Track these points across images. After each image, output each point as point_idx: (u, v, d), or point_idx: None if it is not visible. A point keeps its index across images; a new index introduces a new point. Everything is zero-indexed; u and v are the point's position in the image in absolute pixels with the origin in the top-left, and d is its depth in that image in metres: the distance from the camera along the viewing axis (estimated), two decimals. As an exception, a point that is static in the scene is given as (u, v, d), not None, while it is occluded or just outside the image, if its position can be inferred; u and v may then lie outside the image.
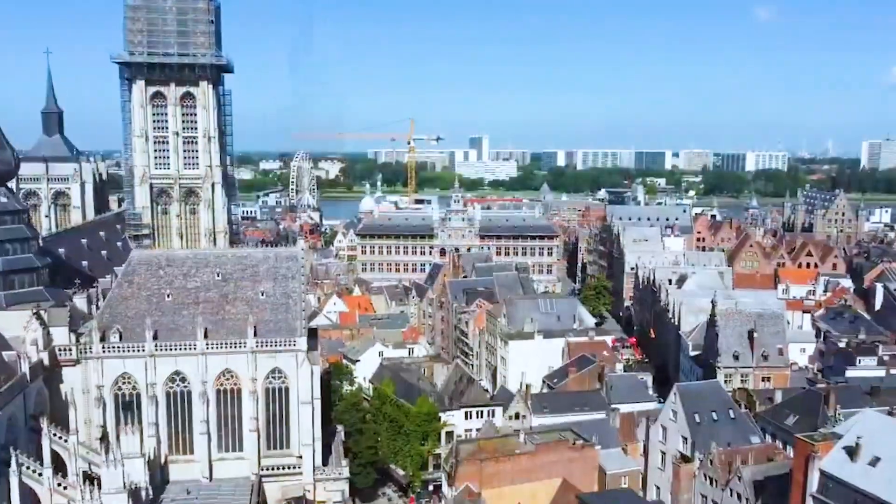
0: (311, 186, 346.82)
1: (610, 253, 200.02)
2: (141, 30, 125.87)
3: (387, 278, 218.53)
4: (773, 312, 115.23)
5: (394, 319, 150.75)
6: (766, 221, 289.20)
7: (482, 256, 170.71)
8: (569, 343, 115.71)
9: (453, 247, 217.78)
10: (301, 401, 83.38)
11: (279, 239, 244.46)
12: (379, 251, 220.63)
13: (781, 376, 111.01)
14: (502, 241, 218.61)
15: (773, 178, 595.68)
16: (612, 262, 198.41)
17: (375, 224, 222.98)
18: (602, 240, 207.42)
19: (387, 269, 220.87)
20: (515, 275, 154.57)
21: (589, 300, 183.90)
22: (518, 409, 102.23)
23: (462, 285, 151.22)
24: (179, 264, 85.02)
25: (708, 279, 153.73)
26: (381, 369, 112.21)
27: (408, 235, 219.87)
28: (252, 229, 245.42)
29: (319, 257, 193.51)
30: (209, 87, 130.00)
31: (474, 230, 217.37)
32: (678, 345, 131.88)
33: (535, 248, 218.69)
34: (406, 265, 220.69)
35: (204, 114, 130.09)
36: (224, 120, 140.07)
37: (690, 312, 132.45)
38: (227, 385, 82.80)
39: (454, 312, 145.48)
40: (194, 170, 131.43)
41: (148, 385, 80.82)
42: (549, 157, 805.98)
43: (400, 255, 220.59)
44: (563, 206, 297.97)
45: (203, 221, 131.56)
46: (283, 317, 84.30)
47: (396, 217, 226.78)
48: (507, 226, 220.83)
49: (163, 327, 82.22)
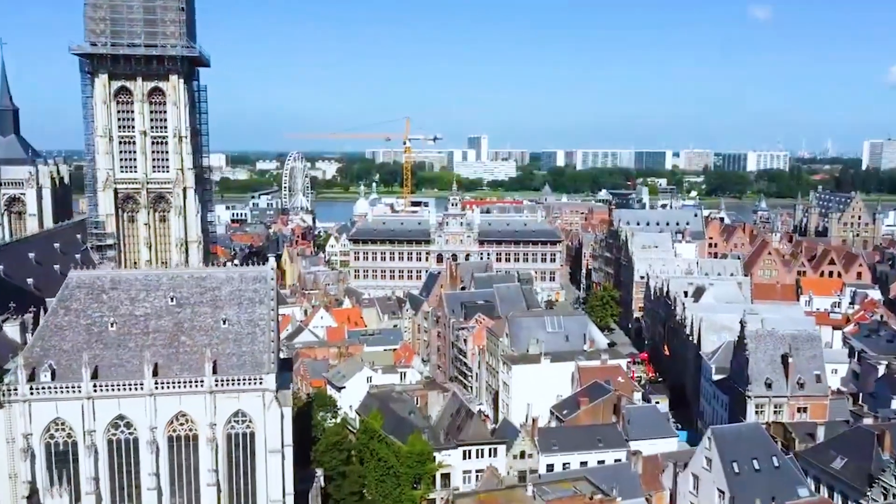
0: (304, 188, 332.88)
1: (617, 260, 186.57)
2: (103, 18, 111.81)
3: (381, 286, 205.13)
4: (809, 334, 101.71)
5: (385, 335, 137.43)
6: (776, 224, 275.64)
7: (482, 265, 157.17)
8: (579, 368, 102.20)
9: (451, 253, 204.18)
10: (269, 449, 69.90)
11: (269, 243, 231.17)
12: (373, 257, 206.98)
13: (819, 406, 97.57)
14: (503, 247, 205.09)
15: (775, 179, 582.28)
16: (619, 270, 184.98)
17: (369, 229, 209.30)
18: (608, 245, 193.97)
19: (381, 276, 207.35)
20: (518, 286, 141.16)
21: (595, 311, 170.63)
22: (524, 447, 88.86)
23: (460, 298, 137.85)
24: (126, 287, 71.41)
25: (727, 291, 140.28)
26: (368, 399, 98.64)
27: (403, 241, 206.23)
28: (240, 233, 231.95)
29: (308, 265, 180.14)
30: (180, 82, 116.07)
31: (473, 235, 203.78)
32: (698, 366, 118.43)
33: (537, 254, 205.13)
34: (401, 272, 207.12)
35: (175, 111, 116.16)
36: (199, 118, 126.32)
37: (711, 330, 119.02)
38: (180, 431, 69.29)
39: (451, 328, 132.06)
40: (164, 173, 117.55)
41: (86, 432, 67.28)
42: (548, 157, 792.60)
43: (395, 261, 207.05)
44: (564, 208, 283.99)
45: (174, 230, 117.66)
46: (248, 349, 70.79)
47: (391, 221, 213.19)
48: (508, 230, 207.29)
49: (105, 363, 68.67)
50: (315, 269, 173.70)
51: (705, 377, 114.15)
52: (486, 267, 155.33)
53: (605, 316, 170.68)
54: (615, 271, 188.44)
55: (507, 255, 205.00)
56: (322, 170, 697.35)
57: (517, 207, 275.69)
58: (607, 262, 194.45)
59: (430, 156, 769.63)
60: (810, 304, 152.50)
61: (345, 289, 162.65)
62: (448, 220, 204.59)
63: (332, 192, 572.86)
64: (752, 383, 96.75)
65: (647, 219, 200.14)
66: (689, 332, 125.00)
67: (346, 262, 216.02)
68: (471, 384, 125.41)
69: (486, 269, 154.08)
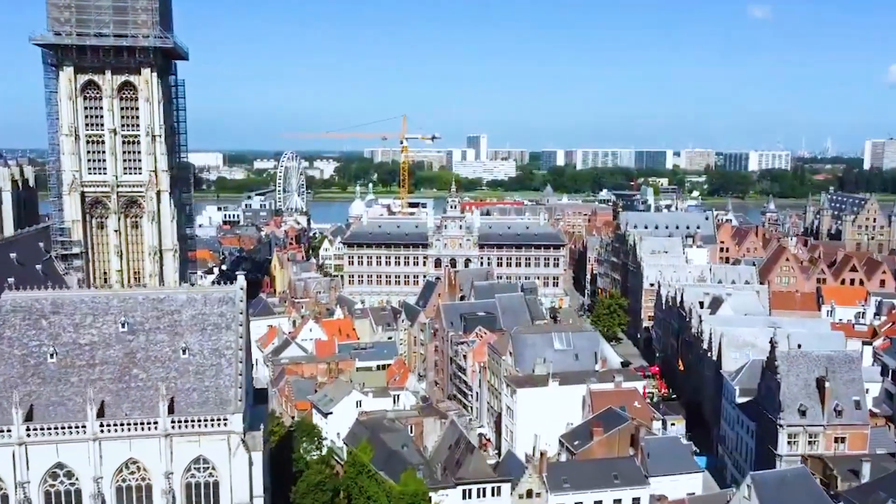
0: (300, 188, 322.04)
1: (624, 265, 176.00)
2: (68, 5, 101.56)
3: (376, 292, 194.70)
4: (847, 355, 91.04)
5: (379, 349, 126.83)
6: (786, 227, 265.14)
7: (482, 273, 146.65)
8: (591, 392, 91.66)
9: (450, 257, 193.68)
10: (236, 502, 59.44)
11: (260, 246, 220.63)
12: (368, 262, 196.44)
13: (859, 436, 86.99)
14: (503, 251, 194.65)
15: (778, 179, 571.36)
16: (626, 276, 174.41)
17: (364, 232, 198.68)
18: (615, 250, 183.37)
19: (377, 281, 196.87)
20: (521, 297, 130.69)
21: (602, 319, 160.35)
22: (531, 485, 78.35)
23: (459, 309, 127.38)
24: (70, 311, 60.87)
25: (745, 302, 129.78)
26: (357, 427, 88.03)
27: (400, 245, 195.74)
28: (230, 236, 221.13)
29: (299, 271, 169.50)
30: (153, 76, 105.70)
31: (473, 239, 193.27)
32: (719, 385, 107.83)
33: (539, 259, 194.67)
34: (398, 277, 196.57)
35: (147, 108, 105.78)
36: (176, 116, 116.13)
37: (733, 347, 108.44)
38: (131, 481, 58.75)
39: (450, 342, 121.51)
40: (136, 175, 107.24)
41: (18, 484, 56.81)
42: (547, 157, 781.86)
43: (391, 265, 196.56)
44: (567, 209, 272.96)
45: (147, 237, 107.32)
46: (211, 383, 60.27)
47: (387, 224, 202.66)
48: (509, 234, 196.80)
49: (42, 401, 58.20)
50: (306, 276, 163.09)
51: (727, 399, 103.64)
52: (486, 275, 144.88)
53: (612, 325, 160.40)
54: (622, 277, 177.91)
55: (509, 260, 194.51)
56: (320, 169, 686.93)
57: (518, 209, 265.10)
58: (614, 268, 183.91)
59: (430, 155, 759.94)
60: (832, 314, 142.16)
61: (337, 297, 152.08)
62: (447, 222, 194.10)
63: (329, 191, 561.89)
64: (783, 410, 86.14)
65: (655, 222, 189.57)
66: (708, 347, 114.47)
67: (340, 266, 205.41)
68: (471, 404, 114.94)
69: (486, 276, 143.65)
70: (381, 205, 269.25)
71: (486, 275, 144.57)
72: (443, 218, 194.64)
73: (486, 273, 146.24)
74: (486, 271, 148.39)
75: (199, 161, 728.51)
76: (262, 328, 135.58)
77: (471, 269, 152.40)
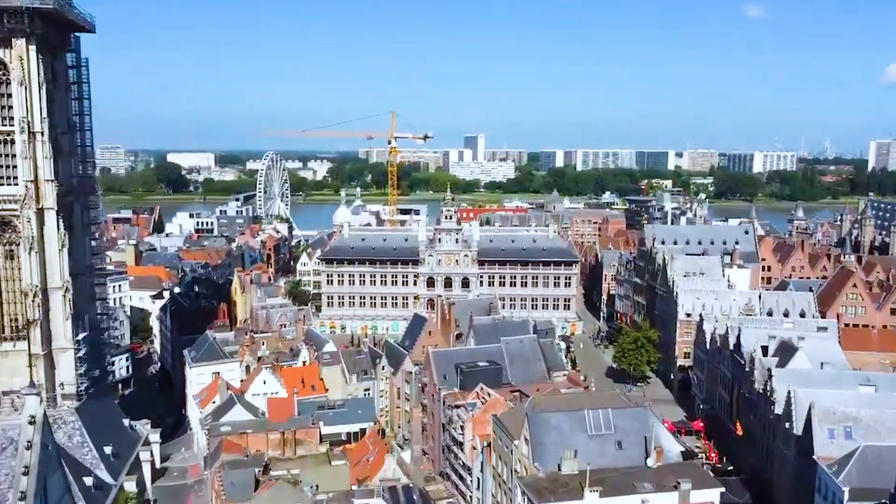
0: (283, 192, 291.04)
1: (650, 288, 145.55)
2: None
3: (359, 316, 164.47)
4: None
5: (352, 408, 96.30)
6: (817, 236, 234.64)
7: (484, 305, 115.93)
8: (648, 508, 61.31)
9: (444, 276, 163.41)
10: None
11: (230, 260, 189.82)
12: (349, 281, 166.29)
13: None
14: (507, 269, 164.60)
15: (788, 180, 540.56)
16: (653, 300, 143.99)
17: (345, 246, 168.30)
18: (638, 269, 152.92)
19: (359, 303, 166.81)
20: (534, 340, 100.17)
21: (628, 356, 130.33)
22: None
23: (454, 358, 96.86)
24: None
25: (823, 349, 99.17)
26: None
27: (386, 261, 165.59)
28: (195, 249, 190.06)
29: (263, 296, 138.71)
30: (31, 50, 75.04)
31: (471, 255, 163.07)
32: (805, 471, 77.54)
33: (549, 278, 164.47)
34: (384, 299, 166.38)
35: (22, 94, 75.09)
36: (78, 106, 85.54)
37: (826, 420, 78.03)
38: None
39: (442, 403, 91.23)
40: (8, 187, 76.61)
41: None
42: (546, 157, 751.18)
43: (376, 285, 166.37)
44: (575, 216, 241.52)
45: (27, 273, 76.65)
46: None
47: (372, 237, 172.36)
48: (514, 248, 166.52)
49: None
50: (271, 304, 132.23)
51: (824, 495, 73.31)
52: (489, 308, 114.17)
53: (639, 363, 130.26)
54: (648, 301, 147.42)
55: (513, 279, 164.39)
56: (313, 170, 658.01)
57: (521, 216, 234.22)
58: (636, 290, 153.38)
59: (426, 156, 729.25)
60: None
61: (305, 331, 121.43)
62: (441, 235, 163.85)
63: (321, 194, 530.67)
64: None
65: (685, 236, 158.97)
66: (788, 418, 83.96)
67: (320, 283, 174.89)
68: (469, 491, 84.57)
69: (489, 310, 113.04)
70: (370, 211, 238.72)
71: (488, 308, 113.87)
72: (436, 230, 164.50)
73: (489, 306, 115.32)
74: (489, 303, 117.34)
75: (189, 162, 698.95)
76: (206, 377, 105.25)
77: (470, 301, 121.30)
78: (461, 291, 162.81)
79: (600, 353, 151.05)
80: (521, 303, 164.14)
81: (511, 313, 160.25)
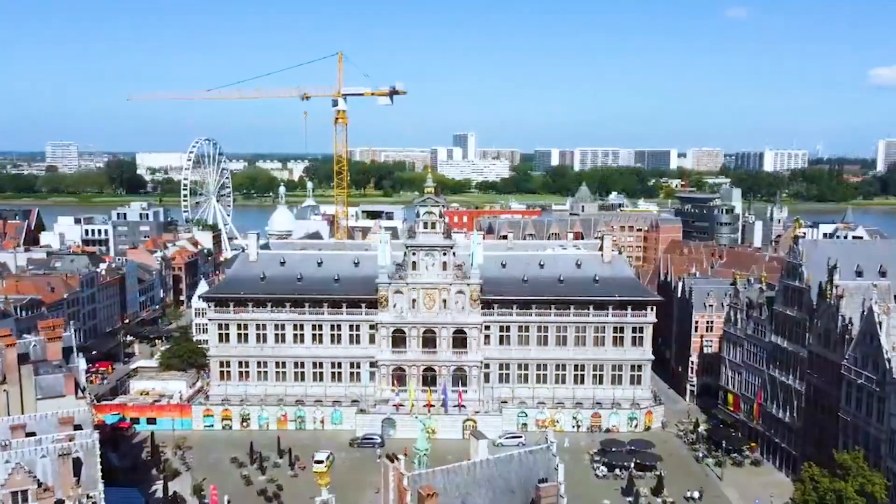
0: (220, 189, 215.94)
1: (823, 361, 71.57)
2: None
3: (273, 396, 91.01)
4: None
5: None
6: None
7: (487, 476, 39.67)
8: None
9: (424, 327, 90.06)
10: None
11: (75, 296, 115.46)
12: (258, 336, 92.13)
13: None
14: (532, 315, 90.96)
15: (814, 180, 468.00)
16: (831, 375, 70.30)
17: (249, 276, 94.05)
18: (784, 322, 78.83)
19: (276, 375, 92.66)
20: None
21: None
22: None
23: None
24: None
25: None
26: None
27: (321, 302, 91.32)
28: (35, 275, 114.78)
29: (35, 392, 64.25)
30: None
31: (470, 289, 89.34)
32: None
33: (605, 330, 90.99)
34: (319, 366, 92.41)
35: None
36: None
37: None
38: None
39: None
40: None
41: None
42: (541, 157, 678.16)
43: (303, 343, 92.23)
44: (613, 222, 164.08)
45: None
46: None
47: (299, 259, 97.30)
48: (543, 278, 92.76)
49: None
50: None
51: None
52: (489, 478, 38.71)
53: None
54: (816, 382, 73.47)
55: (543, 333, 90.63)
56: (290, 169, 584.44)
57: (537, 223, 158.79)
58: (781, 358, 79.45)
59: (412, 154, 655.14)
60: None
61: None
62: (418, 257, 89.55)
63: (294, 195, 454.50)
64: None
65: (849, 255, 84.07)
66: None
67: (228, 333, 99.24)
68: None
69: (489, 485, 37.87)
70: (323, 215, 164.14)
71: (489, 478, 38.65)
72: (411, 247, 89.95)
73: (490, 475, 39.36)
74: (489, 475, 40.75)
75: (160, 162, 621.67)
76: None
77: (455, 472, 43.87)
78: (452, 355, 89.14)
79: (708, 477, 77.46)
80: (557, 374, 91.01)
81: (532, 391, 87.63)
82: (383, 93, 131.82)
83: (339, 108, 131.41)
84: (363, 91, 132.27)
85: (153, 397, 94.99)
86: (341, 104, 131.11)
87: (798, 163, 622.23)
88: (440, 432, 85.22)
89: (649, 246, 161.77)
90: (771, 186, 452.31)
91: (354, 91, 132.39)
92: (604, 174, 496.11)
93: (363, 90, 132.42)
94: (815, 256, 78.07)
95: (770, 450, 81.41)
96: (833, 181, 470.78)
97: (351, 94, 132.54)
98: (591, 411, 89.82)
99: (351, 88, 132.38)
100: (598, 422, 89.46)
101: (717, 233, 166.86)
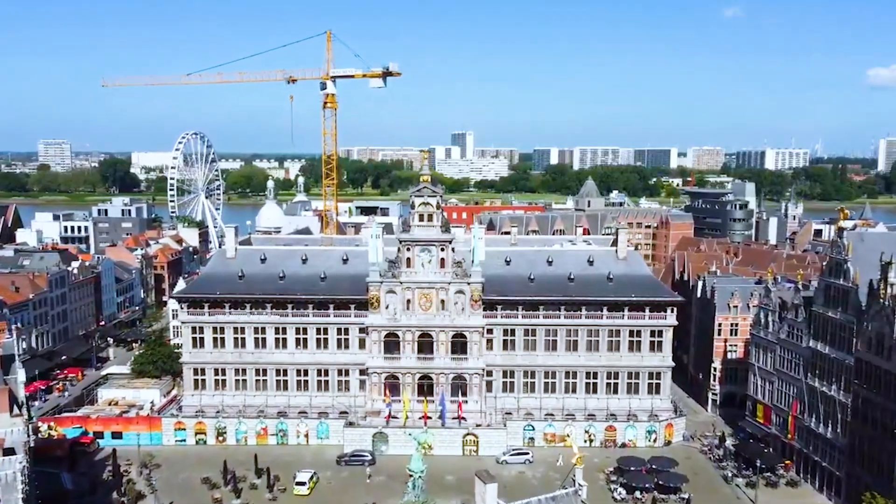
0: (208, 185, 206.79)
1: (873, 369, 62.22)
2: None
3: (253, 408, 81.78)
4: None
5: None
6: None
7: None
8: None
9: (419, 330, 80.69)
10: None
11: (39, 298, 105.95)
12: (234, 342, 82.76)
13: None
14: (539, 318, 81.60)
15: (819, 179, 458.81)
16: (880, 380, 60.99)
17: (225, 275, 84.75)
18: (825, 324, 69.59)
19: (256, 383, 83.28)
20: None
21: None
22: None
23: None
24: None
25: None
26: None
27: (304, 302, 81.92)
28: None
29: None
30: None
31: (472, 288, 79.82)
32: None
33: (620, 333, 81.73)
34: (304, 374, 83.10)
35: None
36: None
37: None
38: None
39: None
40: None
41: None
42: (540, 156, 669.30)
43: (286, 349, 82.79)
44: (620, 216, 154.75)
45: None
46: None
47: (281, 256, 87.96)
48: (552, 276, 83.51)
49: None
50: None
51: None
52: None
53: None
54: (867, 391, 64.21)
55: (552, 337, 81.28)
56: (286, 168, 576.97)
57: (541, 218, 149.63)
58: (818, 363, 70.23)
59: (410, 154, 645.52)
60: None
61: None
62: (413, 253, 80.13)
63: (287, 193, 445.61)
64: None
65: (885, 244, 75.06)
66: None
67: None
68: None
69: None
70: (314, 211, 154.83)
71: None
72: (405, 243, 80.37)
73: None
74: None
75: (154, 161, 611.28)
76: None
77: None
78: (450, 362, 79.79)
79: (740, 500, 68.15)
80: (567, 382, 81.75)
81: (539, 402, 78.54)
82: (376, 74, 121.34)
83: (327, 91, 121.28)
84: (354, 73, 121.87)
85: (122, 408, 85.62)
86: (330, 87, 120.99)
87: (799, 162, 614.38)
88: (437, 448, 75.87)
89: (659, 243, 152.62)
90: (775, 185, 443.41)
91: (344, 73, 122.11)
92: (604, 172, 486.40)
93: (354, 72, 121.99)
94: (862, 251, 68.81)
95: (808, 469, 72.00)
96: (837, 180, 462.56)
97: (340, 76, 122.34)
98: (606, 424, 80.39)
99: (340, 70, 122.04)
100: (613, 436, 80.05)
101: (731, 229, 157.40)
